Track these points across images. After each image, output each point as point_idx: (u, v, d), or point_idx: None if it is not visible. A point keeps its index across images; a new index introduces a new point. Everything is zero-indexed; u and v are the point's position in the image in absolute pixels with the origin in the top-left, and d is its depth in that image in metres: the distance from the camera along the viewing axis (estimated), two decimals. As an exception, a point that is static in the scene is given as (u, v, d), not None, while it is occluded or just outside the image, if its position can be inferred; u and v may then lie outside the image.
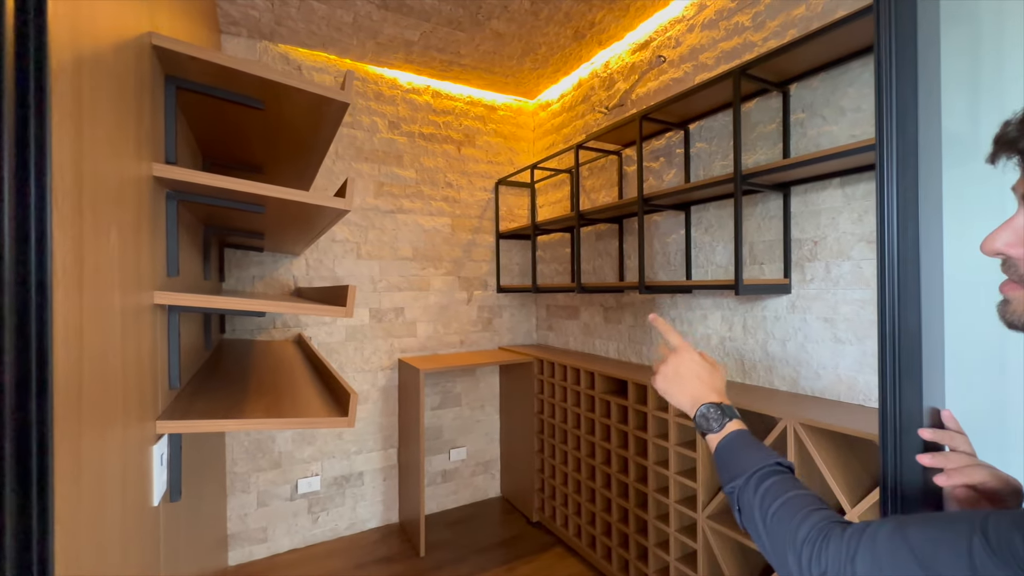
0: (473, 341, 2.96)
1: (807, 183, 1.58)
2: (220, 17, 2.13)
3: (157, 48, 0.84)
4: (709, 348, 1.92)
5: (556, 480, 2.47)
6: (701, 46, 1.96)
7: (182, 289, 1.06)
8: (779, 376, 1.67)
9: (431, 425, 2.82)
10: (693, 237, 2.01)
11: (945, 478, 0.47)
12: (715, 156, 1.91)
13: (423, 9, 2.09)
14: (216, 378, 1.26)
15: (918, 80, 0.53)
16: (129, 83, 0.69)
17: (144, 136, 0.78)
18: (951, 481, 0.47)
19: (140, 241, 0.74)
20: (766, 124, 1.70)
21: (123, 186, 0.65)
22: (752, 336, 1.76)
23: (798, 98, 1.60)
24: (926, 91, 0.53)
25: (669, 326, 0.70)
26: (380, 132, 2.65)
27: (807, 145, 1.57)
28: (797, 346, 1.61)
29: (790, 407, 1.43)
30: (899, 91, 0.53)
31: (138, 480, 0.72)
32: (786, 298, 1.64)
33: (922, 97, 0.52)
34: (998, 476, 0.46)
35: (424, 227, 2.79)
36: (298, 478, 2.44)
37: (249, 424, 0.89)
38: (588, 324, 2.66)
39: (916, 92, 0.52)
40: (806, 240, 1.59)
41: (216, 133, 1.29)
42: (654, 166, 2.20)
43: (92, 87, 0.53)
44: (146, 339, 0.77)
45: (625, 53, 2.37)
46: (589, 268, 2.66)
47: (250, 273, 2.33)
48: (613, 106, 2.44)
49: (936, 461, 0.48)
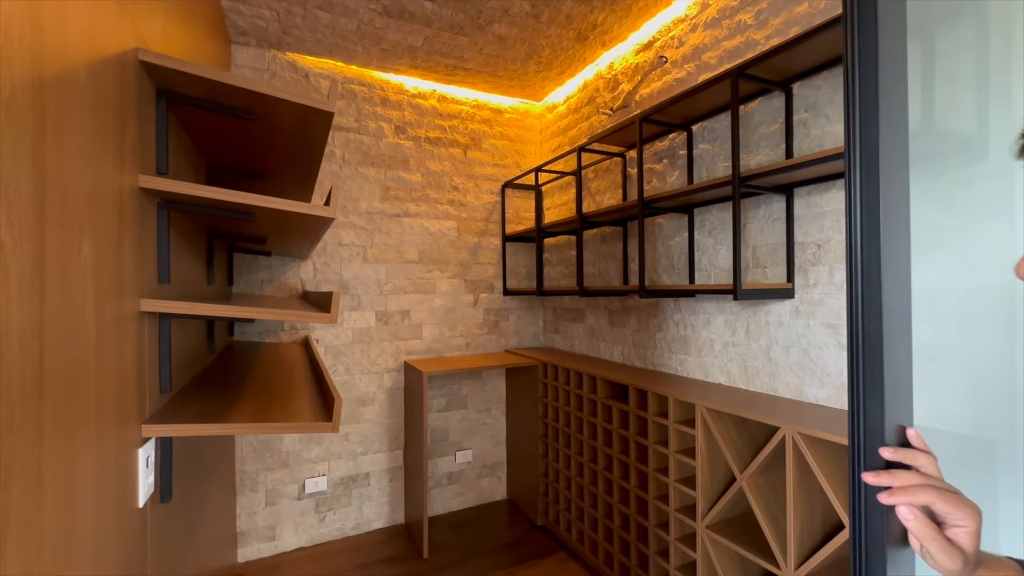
0: (479, 344, 2.96)
1: (811, 184, 1.53)
2: (229, 28, 2.19)
3: (146, 63, 0.87)
4: (712, 353, 1.89)
5: (560, 484, 2.46)
6: (704, 45, 1.92)
7: (176, 296, 1.09)
8: (782, 383, 1.63)
9: (437, 427, 2.84)
10: (696, 240, 1.97)
11: (888, 496, 0.45)
12: (718, 157, 1.87)
13: (424, 15, 2.10)
14: (214, 381, 1.29)
15: (879, 88, 0.51)
16: (110, 98, 0.71)
17: (129, 148, 0.81)
18: (894, 500, 0.45)
19: (123, 250, 0.76)
20: (768, 125, 1.66)
21: (100, 197, 0.67)
22: (755, 341, 1.72)
23: (801, 97, 1.56)
24: (889, 99, 0.51)
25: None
26: (386, 137, 2.68)
27: (810, 145, 1.53)
28: (800, 352, 1.57)
29: (792, 415, 1.39)
30: (863, 99, 0.52)
31: (119, 482, 0.74)
32: (789, 303, 1.60)
33: (884, 104, 0.50)
34: (954, 500, 0.44)
35: (430, 230, 2.81)
36: (305, 478, 2.48)
37: (231, 429, 0.91)
38: (593, 327, 2.64)
39: (878, 99, 0.50)
40: (810, 243, 1.54)
41: (216, 143, 1.33)
42: (657, 168, 2.17)
43: (59, 104, 0.55)
44: (129, 345, 0.79)
45: (629, 54, 2.34)
46: (594, 271, 2.63)
47: (259, 277, 2.39)
48: (617, 107, 2.42)
49: (880, 479, 0.46)
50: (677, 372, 2.06)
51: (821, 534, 1.37)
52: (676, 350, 2.06)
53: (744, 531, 1.56)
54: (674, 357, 2.07)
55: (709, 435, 1.59)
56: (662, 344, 2.14)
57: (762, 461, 1.42)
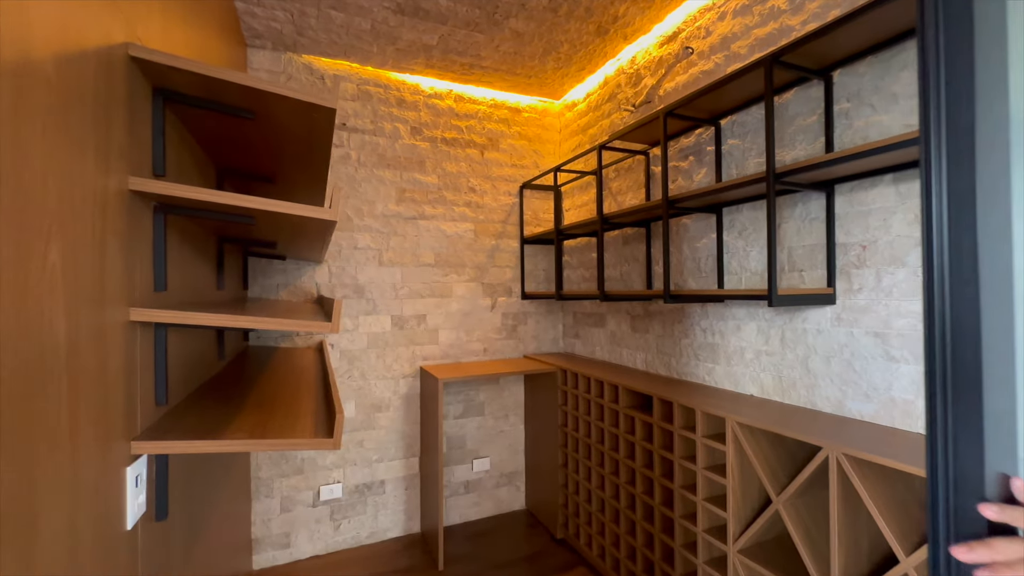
0: (497, 349, 2.89)
1: (854, 180, 1.41)
2: (244, 31, 2.18)
3: (138, 59, 0.82)
4: (743, 362, 1.76)
5: (580, 497, 2.36)
6: (733, 34, 1.81)
7: (176, 303, 1.05)
8: (822, 396, 1.50)
9: (454, 434, 2.78)
10: (725, 241, 1.85)
11: (989, 574, 0.35)
12: (749, 153, 1.75)
13: (439, 12, 2.05)
14: (220, 390, 1.25)
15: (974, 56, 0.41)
16: (89, 94, 0.66)
17: (117, 148, 0.76)
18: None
19: (106, 256, 0.71)
20: (806, 116, 1.53)
21: (74, 199, 0.62)
22: (791, 350, 1.59)
23: (842, 86, 1.43)
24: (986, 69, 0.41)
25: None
26: (402, 138, 2.64)
27: (853, 137, 1.40)
28: (843, 363, 1.44)
29: (835, 433, 1.27)
30: (949, 71, 0.42)
31: (101, 505, 0.69)
32: (830, 309, 1.47)
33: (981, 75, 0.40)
34: None
35: (447, 233, 2.76)
36: (320, 485, 2.45)
37: (226, 446, 0.85)
38: (615, 333, 2.53)
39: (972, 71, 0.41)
40: (853, 244, 1.41)
41: (224, 146, 1.29)
42: (683, 165, 2.05)
43: (15, 97, 0.50)
44: (115, 357, 0.74)
45: (652, 47, 2.24)
46: (616, 274, 2.53)
47: (274, 281, 2.37)
48: (640, 103, 2.31)
49: (976, 555, 0.36)
50: (705, 382, 1.94)
51: (868, 564, 1.24)
52: (703, 358, 1.94)
53: (780, 557, 1.43)
54: (701, 366, 1.95)
55: (741, 452, 1.48)
56: (688, 352, 2.02)
57: (802, 483, 1.30)
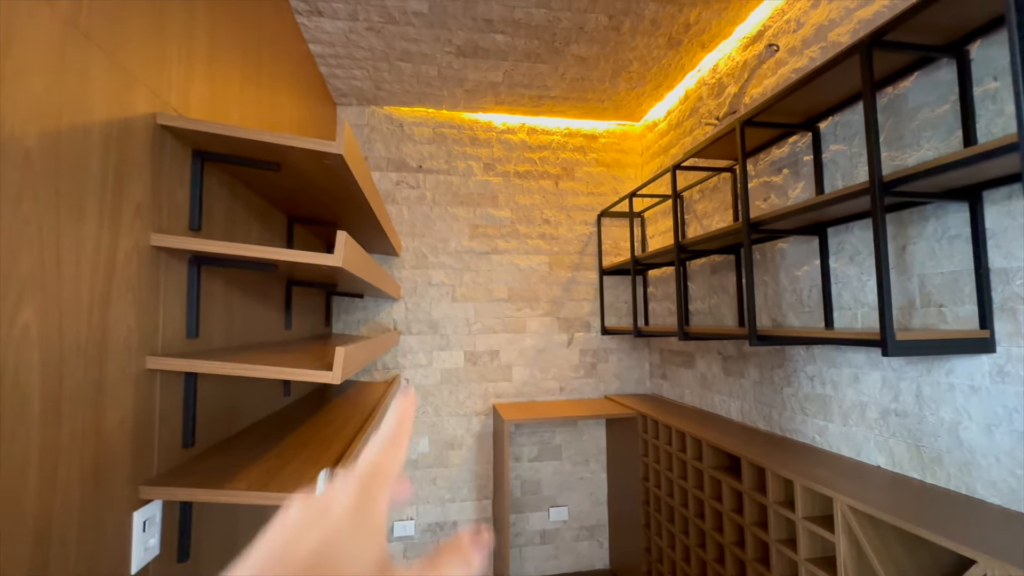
0: (574, 388, 2.70)
1: (1011, 184, 1.03)
2: (332, 92, 2.41)
3: (169, 127, 0.90)
4: (864, 422, 1.38)
5: (664, 566, 2.03)
6: (831, 22, 1.51)
7: (210, 348, 1.11)
8: (983, 480, 1.08)
9: (529, 478, 2.62)
10: (833, 269, 1.50)
11: None
12: (857, 159, 1.41)
13: (498, 49, 2.05)
14: (263, 432, 1.29)
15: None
16: (96, 163, 0.72)
17: (133, 209, 0.82)
18: None
19: (110, 311, 0.76)
20: (933, 106, 1.19)
21: (60, 263, 0.66)
22: (932, 412, 1.19)
23: (984, 61, 1.08)
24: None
25: None
26: (475, 175, 2.68)
27: (1005, 126, 1.04)
28: (1014, 435, 1.03)
29: (997, 539, 0.89)
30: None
31: (100, 551, 0.71)
32: (987, 359, 1.08)
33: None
34: None
35: (520, 267, 2.70)
36: (394, 520, 2.46)
37: (225, 496, 0.85)
38: (705, 375, 2.20)
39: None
40: (1016, 271, 1.03)
41: (279, 195, 1.39)
42: (776, 180, 1.74)
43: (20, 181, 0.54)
44: (122, 407, 0.78)
45: (735, 51, 1.98)
46: (704, 307, 2.22)
47: (356, 318, 2.51)
48: (724, 115, 2.05)
49: None
50: (815, 443, 1.56)
51: None
52: (811, 413, 1.57)
53: None
54: (809, 422, 1.58)
55: (856, 546, 1.12)
56: (792, 403, 1.66)
57: (948, 606, 0.93)
